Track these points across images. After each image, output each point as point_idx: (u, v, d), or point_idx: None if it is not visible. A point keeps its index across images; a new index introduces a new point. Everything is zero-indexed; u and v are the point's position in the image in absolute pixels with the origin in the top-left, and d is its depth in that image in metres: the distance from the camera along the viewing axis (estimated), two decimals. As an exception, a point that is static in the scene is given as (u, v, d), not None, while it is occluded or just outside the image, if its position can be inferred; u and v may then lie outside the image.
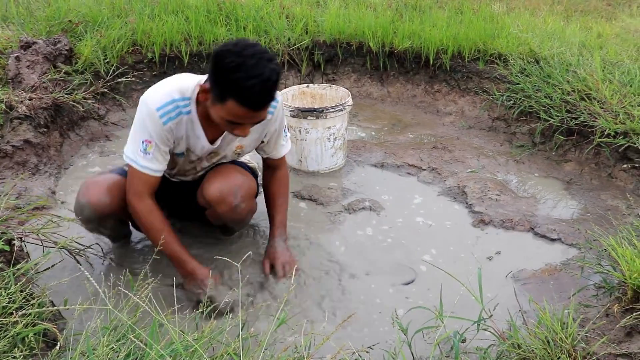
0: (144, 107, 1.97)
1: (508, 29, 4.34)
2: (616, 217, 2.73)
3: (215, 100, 1.84)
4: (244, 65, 1.71)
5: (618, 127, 3.05)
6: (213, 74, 1.80)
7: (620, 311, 1.72)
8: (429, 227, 2.76)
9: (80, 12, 4.25)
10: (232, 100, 1.78)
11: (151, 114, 1.95)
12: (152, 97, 1.97)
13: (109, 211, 2.15)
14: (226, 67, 1.73)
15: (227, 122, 1.88)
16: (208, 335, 1.52)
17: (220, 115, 1.86)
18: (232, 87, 1.75)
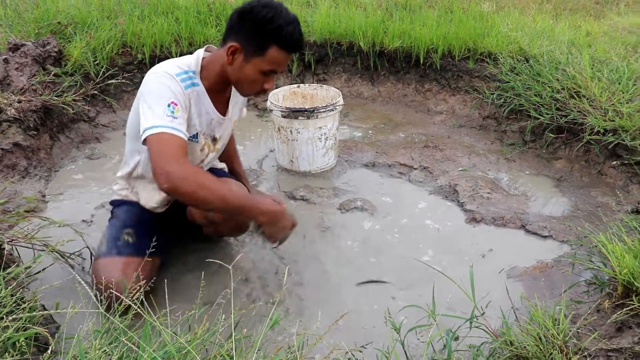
0: (161, 74, 1.89)
1: (498, 28, 4.36)
2: (606, 213, 2.74)
3: (252, 54, 1.91)
4: (280, 14, 1.87)
5: (607, 125, 3.07)
6: (250, 28, 1.88)
7: (610, 307, 1.73)
8: (420, 225, 2.77)
9: (69, 13, 4.23)
10: (274, 47, 1.89)
11: (171, 78, 1.89)
12: (165, 67, 1.92)
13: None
14: (264, 18, 1.85)
15: (262, 75, 1.96)
16: (201, 336, 1.51)
17: (258, 68, 1.93)
18: (274, 34, 1.87)
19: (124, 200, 2.27)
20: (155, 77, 1.89)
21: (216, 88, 2.08)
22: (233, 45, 1.91)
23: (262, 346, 1.57)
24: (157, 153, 1.77)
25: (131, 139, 2.16)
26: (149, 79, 1.90)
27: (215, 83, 2.05)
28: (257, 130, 3.89)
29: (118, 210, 2.25)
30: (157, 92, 1.86)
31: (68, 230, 2.31)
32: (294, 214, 2.06)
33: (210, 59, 2.03)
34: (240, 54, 1.93)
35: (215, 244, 2.56)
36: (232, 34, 1.93)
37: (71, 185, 3.06)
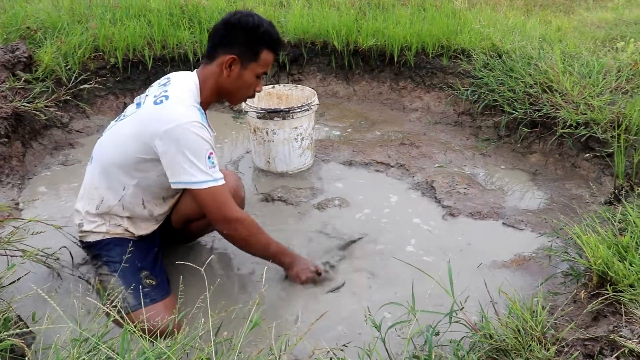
0: (191, 125, 1.92)
1: (470, 25, 4.39)
2: (580, 205, 2.78)
3: (247, 61, 2.07)
4: (262, 21, 2.07)
5: (579, 118, 3.12)
6: (242, 37, 2.04)
7: (586, 297, 1.75)
8: (398, 222, 2.78)
9: (38, 18, 4.16)
10: (265, 50, 2.08)
11: (201, 127, 1.95)
12: (188, 112, 1.96)
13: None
14: (251, 27, 2.04)
15: (256, 79, 2.13)
16: (181, 341, 1.50)
17: (254, 73, 2.10)
18: (263, 38, 2.06)
19: (110, 240, 2.14)
20: (188, 129, 1.91)
21: (208, 107, 2.16)
22: (231, 57, 2.04)
23: (242, 348, 1.57)
24: (216, 206, 2.00)
25: (121, 172, 2.07)
26: (181, 132, 1.90)
27: (209, 103, 2.15)
28: (232, 132, 3.87)
29: (111, 254, 2.11)
30: (195, 146, 1.92)
31: (45, 236, 2.26)
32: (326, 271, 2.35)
33: (203, 80, 2.10)
34: (237, 64, 2.06)
35: (182, 249, 2.55)
36: (222, 47, 2.06)
37: (45, 192, 3.01)
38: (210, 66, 2.09)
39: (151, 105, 2.00)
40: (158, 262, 2.21)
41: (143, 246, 2.18)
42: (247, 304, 2.14)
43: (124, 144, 2.03)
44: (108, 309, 1.52)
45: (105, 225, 2.14)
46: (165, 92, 2.02)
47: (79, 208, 2.17)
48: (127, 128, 2.05)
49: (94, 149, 2.17)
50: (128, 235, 2.17)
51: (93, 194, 2.12)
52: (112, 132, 2.12)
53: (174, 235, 2.45)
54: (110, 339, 1.52)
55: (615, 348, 1.46)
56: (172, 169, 1.94)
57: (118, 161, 2.05)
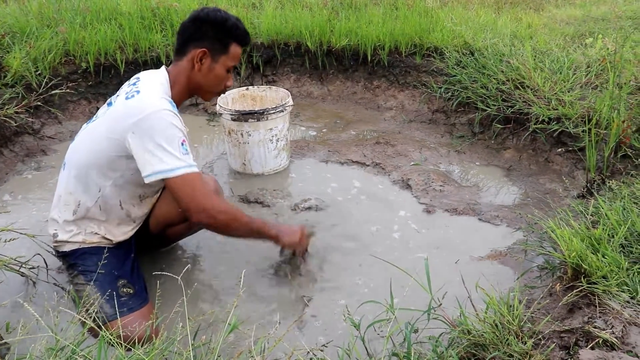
0: (162, 112, 1.91)
1: (442, 23, 4.42)
2: (554, 199, 2.82)
3: (217, 54, 2.10)
4: (229, 16, 2.11)
5: (551, 113, 3.16)
6: (211, 32, 2.07)
7: (562, 289, 1.77)
8: (374, 221, 2.78)
9: (5, 22, 4.09)
10: (233, 44, 2.12)
11: (173, 115, 1.95)
12: (159, 102, 1.95)
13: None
14: (220, 21, 2.08)
15: (227, 73, 2.16)
16: (159, 347, 1.48)
17: (225, 66, 2.13)
18: (231, 32, 2.10)
19: (85, 249, 2.10)
20: (159, 117, 1.90)
21: (180, 104, 2.15)
22: (201, 51, 2.06)
23: (222, 352, 1.55)
24: (191, 193, 1.93)
25: (96, 173, 2.04)
26: (149, 117, 1.89)
27: (181, 99, 2.15)
28: (207, 135, 3.84)
29: (87, 263, 2.07)
30: (167, 133, 1.90)
31: (17, 244, 2.22)
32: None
33: (174, 76, 2.11)
34: (208, 57, 2.09)
35: (160, 256, 2.52)
36: (192, 42, 2.08)
37: (17, 200, 2.95)
38: (181, 62, 2.11)
39: (122, 102, 1.98)
40: (135, 269, 2.17)
41: (119, 254, 2.15)
42: (225, 307, 2.14)
43: (97, 144, 2.00)
44: (84, 317, 1.50)
45: (82, 234, 2.10)
46: (136, 89, 2.00)
47: (54, 216, 2.12)
48: (100, 127, 2.02)
49: (67, 155, 2.13)
50: (105, 243, 2.13)
51: (69, 199, 2.08)
52: (85, 134, 2.09)
53: (151, 241, 2.42)
54: (87, 347, 1.49)
55: (590, 339, 1.48)
56: (144, 160, 1.90)
57: (92, 162, 2.02)
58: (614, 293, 1.64)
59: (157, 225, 2.33)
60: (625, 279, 1.70)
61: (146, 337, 1.67)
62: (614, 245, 1.86)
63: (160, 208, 2.28)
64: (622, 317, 1.53)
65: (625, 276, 1.71)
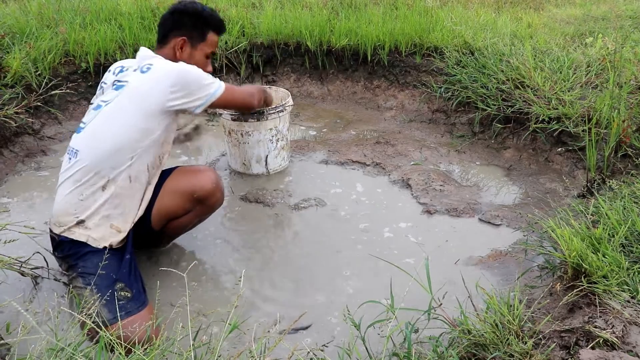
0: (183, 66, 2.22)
1: (442, 23, 4.42)
2: (554, 199, 2.82)
3: (196, 42, 2.38)
4: (204, 6, 2.40)
5: (551, 113, 3.16)
6: (189, 22, 2.35)
7: (562, 289, 1.77)
8: (375, 220, 2.78)
9: (5, 23, 4.08)
10: (210, 32, 2.42)
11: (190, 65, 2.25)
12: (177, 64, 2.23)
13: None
14: (196, 11, 2.36)
15: (205, 59, 2.44)
16: (159, 347, 1.48)
17: (204, 52, 2.41)
18: (208, 21, 2.39)
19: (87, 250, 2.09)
20: (186, 68, 2.21)
21: None
22: (181, 39, 2.34)
23: (222, 352, 1.56)
24: (238, 98, 2.59)
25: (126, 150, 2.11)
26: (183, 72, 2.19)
27: None
28: (207, 134, 3.84)
29: (87, 264, 2.06)
30: (197, 74, 2.23)
31: (18, 245, 2.22)
32: None
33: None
34: (188, 45, 2.36)
35: (162, 255, 2.52)
36: (172, 32, 2.35)
37: (17, 201, 2.95)
38: (163, 51, 2.35)
39: (140, 76, 2.17)
40: (132, 271, 2.16)
41: (117, 256, 2.13)
42: (225, 307, 2.14)
43: (125, 124, 2.11)
44: (83, 318, 1.50)
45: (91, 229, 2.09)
46: (145, 62, 2.21)
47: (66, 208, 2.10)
48: (126, 106, 2.13)
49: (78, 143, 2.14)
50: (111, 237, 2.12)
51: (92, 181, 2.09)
52: (103, 119, 2.13)
53: (150, 239, 2.42)
54: (87, 348, 1.49)
55: (590, 338, 1.48)
56: (195, 96, 2.21)
57: (121, 144, 2.10)
58: (615, 293, 1.64)
59: (159, 219, 2.31)
60: (625, 279, 1.70)
61: (146, 339, 1.67)
62: (615, 244, 1.86)
63: (163, 201, 2.27)
64: (623, 316, 1.53)
65: (626, 276, 1.71)
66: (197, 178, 2.29)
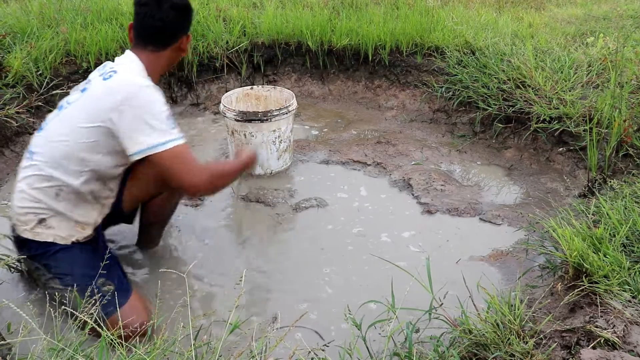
0: (145, 89, 1.91)
1: (443, 22, 4.42)
2: (555, 199, 2.82)
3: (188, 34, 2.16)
4: None
5: (552, 113, 3.16)
6: (185, 18, 2.11)
7: (563, 289, 1.78)
8: (376, 221, 2.79)
9: (6, 22, 4.08)
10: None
11: (156, 90, 1.95)
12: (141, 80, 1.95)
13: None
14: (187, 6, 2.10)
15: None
16: (160, 347, 1.48)
17: (189, 44, 2.30)
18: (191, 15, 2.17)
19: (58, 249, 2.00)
20: (145, 93, 1.90)
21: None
22: (188, 36, 2.15)
23: (223, 352, 1.56)
24: (182, 167, 1.92)
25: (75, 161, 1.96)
26: (139, 96, 1.88)
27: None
28: (208, 134, 3.84)
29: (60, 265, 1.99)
30: (154, 108, 1.89)
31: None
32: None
33: (153, 67, 2.08)
34: (189, 39, 2.17)
35: (166, 254, 2.53)
36: (179, 32, 2.10)
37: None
38: (163, 52, 2.09)
39: (100, 83, 1.95)
40: (109, 262, 2.01)
41: (89, 250, 2.06)
42: (226, 306, 2.14)
43: (75, 131, 1.93)
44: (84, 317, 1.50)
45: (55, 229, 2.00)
46: (112, 70, 1.98)
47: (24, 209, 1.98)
48: (76, 114, 1.96)
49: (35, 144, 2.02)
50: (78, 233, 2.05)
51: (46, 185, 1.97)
52: (58, 122, 2.00)
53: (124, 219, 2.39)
54: (89, 347, 1.49)
55: (591, 338, 1.48)
56: (131, 136, 1.87)
57: (69, 151, 1.94)
58: (616, 292, 1.64)
59: (130, 205, 2.25)
60: (626, 279, 1.70)
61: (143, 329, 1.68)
62: (616, 244, 1.86)
63: (133, 185, 2.19)
64: (624, 316, 1.53)
65: (627, 275, 1.71)
66: None
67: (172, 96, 4.24)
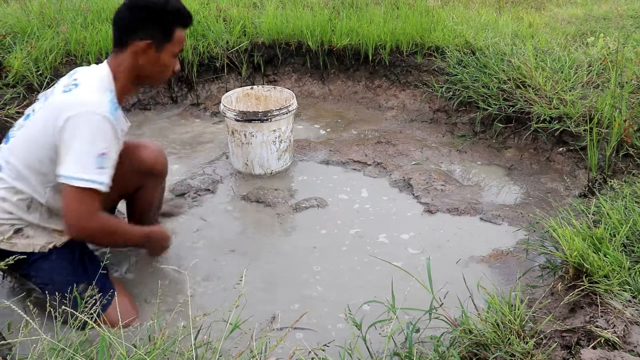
0: (93, 116, 1.79)
1: (443, 22, 4.42)
2: (556, 198, 2.82)
3: (162, 43, 1.95)
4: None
5: (552, 113, 3.16)
6: (151, 20, 1.91)
7: (563, 289, 1.77)
8: (376, 221, 2.79)
9: (6, 22, 4.08)
10: (177, 28, 1.97)
11: (105, 120, 1.81)
12: (97, 103, 1.82)
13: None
14: (159, 6, 1.90)
15: (173, 60, 2.02)
16: (160, 346, 1.48)
17: (170, 53, 1.98)
18: (174, 17, 1.94)
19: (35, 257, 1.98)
20: (87, 120, 1.79)
21: (124, 98, 2.04)
22: (144, 42, 1.91)
23: (223, 351, 1.56)
24: (75, 208, 1.82)
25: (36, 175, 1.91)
26: (82, 117, 1.79)
27: (126, 92, 2.02)
28: (210, 133, 3.84)
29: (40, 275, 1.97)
30: (88, 140, 1.79)
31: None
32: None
33: (116, 69, 1.96)
34: (152, 48, 1.94)
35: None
36: (131, 33, 1.92)
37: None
38: (122, 55, 1.95)
39: (59, 95, 1.87)
40: (86, 262, 2.05)
41: (67, 255, 2.02)
42: (226, 306, 2.14)
43: (33, 143, 1.88)
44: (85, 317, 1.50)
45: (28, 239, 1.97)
46: (74, 82, 1.89)
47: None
48: (36, 126, 1.90)
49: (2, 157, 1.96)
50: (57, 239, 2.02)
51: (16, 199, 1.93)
52: (21, 134, 1.94)
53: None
54: (90, 347, 1.49)
55: (591, 338, 1.48)
56: (60, 156, 1.81)
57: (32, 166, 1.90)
58: (616, 292, 1.64)
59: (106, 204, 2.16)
60: (627, 278, 1.70)
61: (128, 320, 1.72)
62: (616, 244, 1.86)
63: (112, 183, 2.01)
64: (624, 316, 1.53)
65: (627, 275, 1.71)
66: (138, 153, 2.23)
67: (172, 96, 4.24)
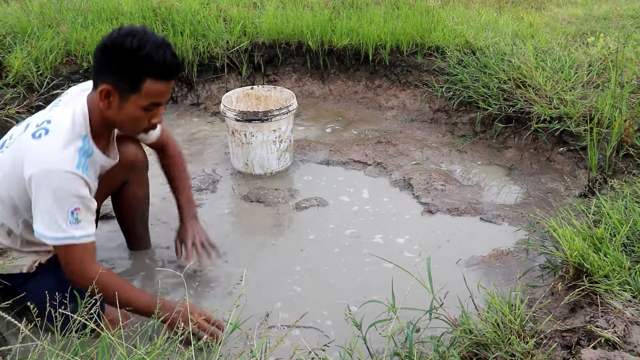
0: (55, 175, 1.69)
1: (444, 22, 4.41)
2: (556, 198, 2.82)
3: (126, 94, 1.73)
4: (146, 40, 1.66)
5: (553, 112, 3.16)
6: (118, 64, 1.69)
7: (564, 289, 1.77)
8: (377, 221, 2.79)
9: (7, 22, 4.08)
10: (149, 79, 1.71)
11: (71, 178, 1.72)
12: (60, 160, 1.71)
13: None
14: (130, 50, 1.65)
15: (145, 112, 1.78)
16: (160, 347, 1.48)
17: (138, 105, 1.75)
18: (145, 65, 1.69)
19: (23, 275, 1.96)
20: (54, 179, 1.70)
21: (103, 136, 1.92)
22: (105, 88, 1.72)
23: (223, 352, 1.56)
24: (65, 264, 1.80)
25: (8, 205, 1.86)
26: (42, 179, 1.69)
27: (101, 133, 1.89)
28: (211, 133, 3.84)
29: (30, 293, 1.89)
30: (53, 201, 1.70)
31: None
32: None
33: (91, 106, 1.82)
34: (115, 95, 1.74)
35: (165, 253, 2.53)
36: (100, 73, 1.76)
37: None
38: (93, 94, 1.81)
39: (29, 139, 1.75)
40: None
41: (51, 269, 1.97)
42: (226, 306, 2.14)
43: (4, 177, 1.82)
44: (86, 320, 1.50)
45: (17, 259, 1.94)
46: (47, 125, 1.76)
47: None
48: (6, 157, 1.83)
49: None
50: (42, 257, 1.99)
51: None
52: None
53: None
54: (90, 348, 1.49)
55: (592, 338, 1.48)
56: (34, 214, 1.75)
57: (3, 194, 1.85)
58: (616, 292, 1.64)
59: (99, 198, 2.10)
60: (627, 278, 1.70)
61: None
62: (616, 244, 1.86)
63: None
64: (624, 316, 1.53)
65: (627, 275, 1.71)
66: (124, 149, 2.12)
67: (173, 96, 4.24)
